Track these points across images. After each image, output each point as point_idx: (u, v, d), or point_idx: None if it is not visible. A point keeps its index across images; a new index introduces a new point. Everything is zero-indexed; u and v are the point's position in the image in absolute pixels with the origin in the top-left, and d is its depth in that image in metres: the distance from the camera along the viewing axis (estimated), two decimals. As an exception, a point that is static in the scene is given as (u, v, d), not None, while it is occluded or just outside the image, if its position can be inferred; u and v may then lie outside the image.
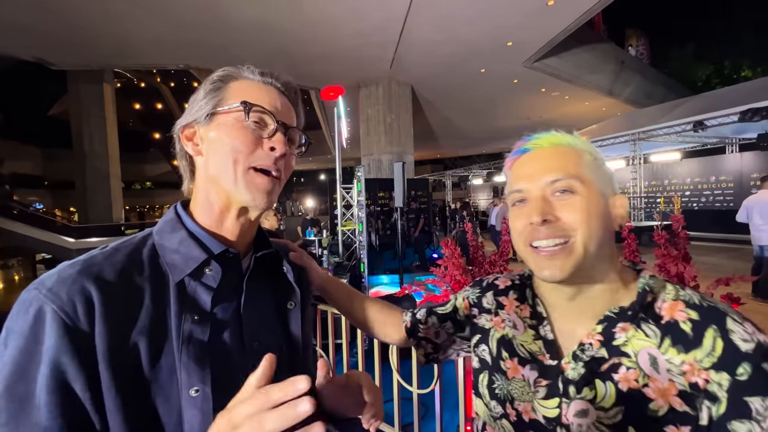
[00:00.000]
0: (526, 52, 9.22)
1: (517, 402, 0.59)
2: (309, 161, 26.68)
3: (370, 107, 10.76)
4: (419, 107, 12.81)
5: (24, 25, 7.43)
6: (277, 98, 0.56)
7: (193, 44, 8.30)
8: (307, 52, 8.69)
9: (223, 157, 0.52)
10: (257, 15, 7.06)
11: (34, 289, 0.43)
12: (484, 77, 10.79)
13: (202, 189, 0.55)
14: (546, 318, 0.60)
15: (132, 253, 0.50)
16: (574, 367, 0.53)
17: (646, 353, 0.49)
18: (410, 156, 10.93)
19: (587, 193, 0.53)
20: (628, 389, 0.49)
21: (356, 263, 4.66)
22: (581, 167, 0.54)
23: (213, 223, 0.55)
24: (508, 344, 0.63)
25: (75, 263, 0.46)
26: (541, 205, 0.54)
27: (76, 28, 7.59)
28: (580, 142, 0.56)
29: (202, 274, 0.51)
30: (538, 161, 0.56)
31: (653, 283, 0.53)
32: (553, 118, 16.05)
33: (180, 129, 0.55)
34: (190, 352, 0.47)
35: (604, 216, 0.53)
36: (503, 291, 0.68)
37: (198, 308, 0.49)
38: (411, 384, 1.80)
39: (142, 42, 8.24)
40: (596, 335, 0.52)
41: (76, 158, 14.13)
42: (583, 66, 11.29)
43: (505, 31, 8.09)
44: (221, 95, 0.54)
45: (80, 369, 0.41)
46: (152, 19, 7.24)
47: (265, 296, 0.60)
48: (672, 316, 0.49)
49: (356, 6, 6.85)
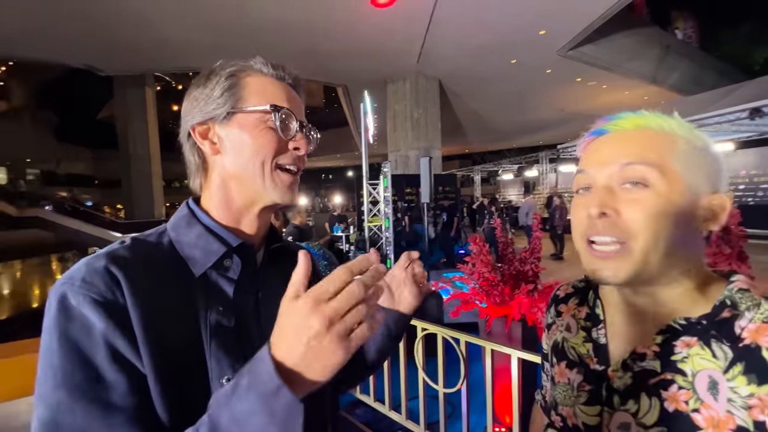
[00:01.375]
0: (560, 40, 8.81)
1: (561, 407, 0.56)
2: (337, 158, 26.98)
3: (397, 103, 10.69)
4: (447, 101, 12.59)
5: (73, 35, 7.98)
6: (291, 94, 0.57)
7: (225, 47, 8.58)
8: (333, 50, 8.76)
9: (249, 157, 0.52)
10: (288, 15, 7.19)
11: (65, 284, 0.44)
12: (515, 68, 10.42)
13: (220, 187, 0.55)
14: (602, 321, 0.54)
15: (151, 248, 0.51)
16: (621, 376, 0.48)
17: (706, 375, 0.42)
18: (437, 151, 10.78)
19: (665, 189, 0.44)
20: (674, 410, 0.43)
21: (383, 259, 4.67)
22: (668, 156, 0.45)
23: (230, 219, 0.56)
24: (559, 348, 0.60)
25: (99, 256, 0.47)
26: (602, 195, 0.46)
27: (119, 35, 8.07)
28: (676, 126, 0.47)
29: (222, 266, 0.52)
30: (615, 144, 0.48)
31: (740, 297, 0.44)
32: (590, 109, 15.28)
33: (192, 127, 0.54)
34: (219, 342, 0.48)
35: (684, 218, 0.45)
36: (563, 299, 0.64)
37: (222, 299, 0.50)
38: (437, 382, 1.77)
39: (178, 46, 8.63)
40: (653, 345, 0.47)
41: (122, 159, 15.12)
42: (622, 53, 10.63)
43: (537, 19, 7.75)
44: (240, 93, 0.53)
45: (129, 342, 0.42)
46: (188, 24, 7.56)
47: (279, 288, 0.60)
48: (755, 340, 0.41)
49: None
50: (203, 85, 0.54)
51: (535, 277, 2.22)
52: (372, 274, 0.37)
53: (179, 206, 0.59)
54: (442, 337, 1.69)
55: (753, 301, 0.44)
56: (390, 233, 4.41)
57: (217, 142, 0.54)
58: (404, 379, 1.93)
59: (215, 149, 0.54)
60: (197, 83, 0.55)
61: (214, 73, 0.55)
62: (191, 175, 0.58)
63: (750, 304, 0.43)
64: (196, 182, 0.57)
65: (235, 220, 0.56)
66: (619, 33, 10.03)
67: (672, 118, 0.48)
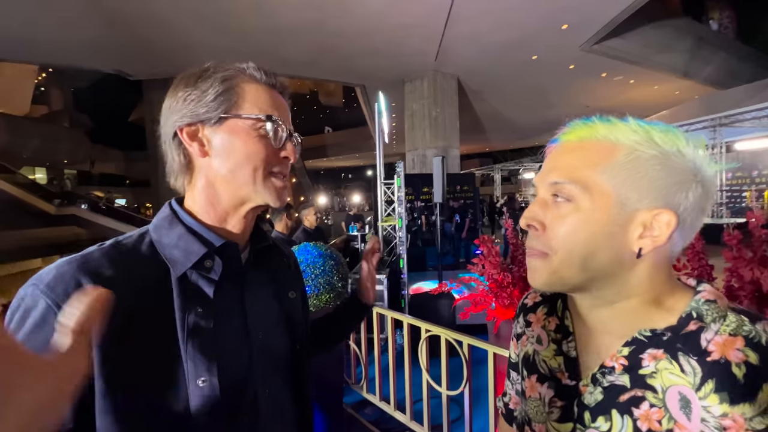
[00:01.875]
0: (584, 34, 8.51)
1: (534, 423, 0.54)
2: (356, 157, 27.13)
3: (414, 102, 10.64)
4: (466, 99, 12.42)
5: (105, 42, 8.39)
6: (281, 103, 0.58)
7: (246, 48, 8.81)
8: (351, 49, 8.80)
9: (240, 162, 0.53)
10: (306, 16, 7.29)
11: (32, 285, 0.45)
12: (536, 64, 10.15)
13: (205, 187, 0.55)
14: (572, 333, 0.53)
15: (131, 249, 0.52)
16: (592, 391, 0.47)
17: (677, 392, 0.41)
18: (456, 150, 10.65)
19: (588, 206, 0.43)
20: (648, 430, 0.42)
21: (396, 259, 4.67)
22: (600, 170, 0.43)
23: (215, 219, 0.56)
24: (531, 361, 0.58)
25: (72, 259, 0.48)
26: (534, 208, 0.48)
27: (147, 41, 8.41)
28: (624, 133, 0.44)
29: (203, 267, 0.52)
30: (555, 157, 0.48)
31: (707, 309, 0.42)
32: (616, 105, 14.70)
33: (179, 127, 0.54)
34: (195, 344, 0.48)
35: (606, 235, 0.43)
36: (532, 308, 0.63)
37: (201, 300, 0.51)
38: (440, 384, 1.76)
39: (201, 50, 8.91)
40: (620, 358, 0.45)
41: (151, 160, 15.77)
42: (651, 46, 10.15)
43: (559, 13, 7.51)
44: (233, 99, 0.54)
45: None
46: (210, 29, 7.80)
47: (266, 287, 0.62)
48: (724, 354, 0.39)
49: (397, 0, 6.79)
50: (193, 86, 0.54)
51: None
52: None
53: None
54: (446, 339, 1.68)
55: (719, 312, 0.42)
56: (403, 233, 4.40)
57: (206, 145, 0.54)
58: (408, 380, 1.92)
59: (204, 151, 0.54)
60: (185, 83, 0.55)
61: (206, 75, 0.54)
62: (173, 174, 0.58)
63: (716, 316, 0.42)
64: (178, 182, 0.57)
65: (220, 219, 0.56)
66: (648, 25, 9.59)
67: (624, 124, 0.45)
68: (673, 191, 0.42)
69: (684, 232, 0.44)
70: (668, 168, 0.42)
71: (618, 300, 0.46)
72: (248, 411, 0.54)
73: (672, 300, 0.45)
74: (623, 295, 0.46)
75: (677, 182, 0.42)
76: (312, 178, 19.45)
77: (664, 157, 0.42)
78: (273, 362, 0.59)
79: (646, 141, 0.43)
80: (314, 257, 2.08)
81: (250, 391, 0.54)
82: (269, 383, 0.57)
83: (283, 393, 0.60)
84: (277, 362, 0.60)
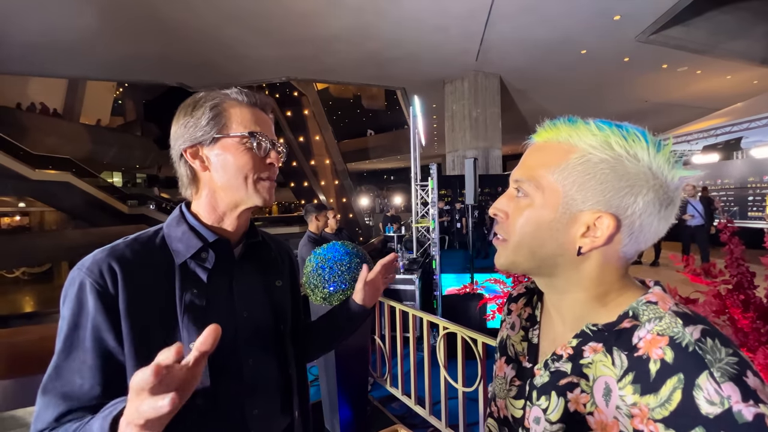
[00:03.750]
0: (640, 25, 7.89)
1: (498, 399, 0.62)
2: (398, 159, 27.26)
3: (455, 103, 10.53)
4: (509, 98, 12.04)
5: (167, 57, 9.31)
6: (262, 118, 0.70)
7: (292, 59, 9.30)
8: (391, 54, 8.94)
9: (233, 173, 0.67)
10: (347, 24, 7.55)
11: (77, 269, 0.61)
12: (585, 59, 9.60)
13: (208, 195, 0.69)
14: (538, 323, 0.60)
15: (147, 242, 0.67)
16: (542, 374, 0.53)
17: (603, 381, 0.46)
18: (497, 150, 10.37)
19: (539, 202, 0.49)
20: (574, 410, 0.47)
21: (429, 260, 4.70)
22: (553, 169, 0.48)
23: (215, 220, 0.70)
24: (503, 344, 0.65)
25: (104, 249, 0.63)
26: (500, 200, 0.54)
27: (202, 56, 9.20)
28: (581, 136, 0.47)
29: (200, 257, 0.66)
30: (525, 156, 0.54)
31: (644, 309, 0.46)
32: (681, 98, 13.40)
33: (183, 149, 0.68)
34: (190, 316, 0.62)
35: (550, 230, 0.48)
36: (515, 298, 0.70)
37: (196, 283, 0.65)
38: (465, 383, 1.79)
39: (251, 61, 9.56)
40: (568, 348, 0.50)
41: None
42: (721, 32, 9.15)
43: (610, 3, 7.06)
44: (222, 121, 0.67)
45: (110, 324, 0.58)
46: (261, 42, 8.35)
47: (254, 275, 0.75)
48: (648, 350, 0.43)
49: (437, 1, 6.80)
50: (190, 115, 0.67)
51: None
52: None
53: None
54: (461, 337, 1.71)
55: (656, 313, 0.45)
56: (436, 235, 4.42)
57: (206, 161, 0.68)
58: (428, 377, 1.98)
59: (204, 167, 0.68)
60: (184, 112, 0.68)
61: (199, 104, 0.68)
62: (183, 186, 0.72)
63: (652, 317, 0.45)
64: (188, 192, 0.72)
65: (218, 220, 0.70)
66: (717, 9, 8.66)
67: (585, 127, 0.48)
68: (620, 195, 0.44)
69: (637, 236, 0.46)
70: (618, 172, 0.45)
71: (567, 290, 0.51)
72: (233, 374, 0.66)
73: (619, 299, 0.49)
74: (572, 286, 0.50)
75: (626, 186, 0.44)
76: (355, 180, 19.87)
77: (616, 161, 0.45)
78: (257, 337, 0.71)
79: (600, 145, 0.46)
80: (341, 255, 2.21)
81: (235, 358, 0.67)
82: (252, 354, 0.70)
83: (266, 364, 0.73)
84: (260, 337, 0.72)
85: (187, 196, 0.72)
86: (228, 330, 0.67)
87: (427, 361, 1.97)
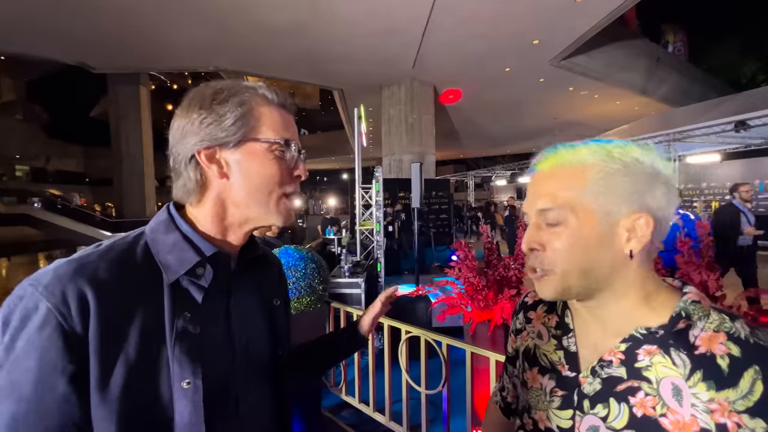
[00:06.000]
0: (553, 50, 8.97)
1: (534, 411, 0.60)
2: (332, 161, 26.99)
3: (392, 107, 10.77)
4: (442, 107, 12.70)
5: (66, 31, 7.94)
6: (292, 122, 0.60)
7: (223, 48, 8.61)
8: (330, 53, 8.81)
9: (258, 185, 0.56)
10: (282, 17, 7.24)
11: (30, 285, 0.45)
12: (508, 76, 10.57)
13: (217, 206, 0.56)
14: (572, 330, 0.59)
15: (126, 252, 0.52)
16: (591, 381, 0.52)
17: (669, 383, 0.46)
18: (431, 156, 10.86)
19: (576, 224, 0.49)
20: (642, 415, 0.47)
21: (373, 263, 4.70)
22: (578, 192, 0.49)
23: (217, 231, 0.57)
24: (531, 355, 0.63)
25: (71, 261, 0.48)
26: (530, 233, 0.54)
27: (114, 33, 8.05)
28: (586, 154, 0.50)
29: (194, 274, 0.53)
30: (536, 185, 0.54)
31: (693, 309, 0.48)
32: (582, 118, 15.50)
33: (198, 150, 0.54)
34: (183, 347, 0.50)
35: (598, 245, 0.49)
36: (532, 306, 0.68)
37: (190, 306, 0.52)
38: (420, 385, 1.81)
39: (175, 46, 8.63)
40: (618, 353, 0.51)
41: (114, 157, 14.99)
42: (614, 64, 10.84)
43: (530, 29, 7.89)
44: (251, 123, 0.55)
45: (68, 364, 0.44)
46: (186, 26, 7.57)
47: (252, 294, 0.64)
48: (710, 348, 0.45)
49: (379, 5, 6.89)
50: (208, 109, 0.54)
51: (518, 283, 2.27)
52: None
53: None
54: (425, 340, 1.73)
55: (703, 311, 0.48)
56: (381, 237, 4.44)
57: (224, 167, 0.55)
58: (388, 382, 1.96)
59: (222, 173, 0.55)
60: (200, 105, 0.55)
61: (221, 97, 0.55)
62: (185, 190, 0.57)
63: (701, 315, 0.48)
64: (190, 198, 0.57)
65: (222, 232, 0.58)
66: (611, 45, 10.23)
67: (584, 147, 0.51)
68: (643, 195, 0.48)
69: (663, 229, 0.50)
70: (632, 176, 0.48)
71: (612, 300, 0.52)
72: (229, 414, 0.55)
73: (660, 299, 0.51)
74: (617, 295, 0.52)
75: (643, 186, 0.48)
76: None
77: (626, 168, 0.48)
78: (255, 368, 0.61)
79: (607, 158, 0.49)
80: (295, 260, 2.08)
81: (231, 395, 0.56)
82: (251, 388, 0.59)
83: (264, 398, 0.62)
84: (259, 368, 0.62)
85: (181, 197, 0.58)
86: (224, 362, 0.56)
87: (387, 367, 1.95)
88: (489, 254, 2.45)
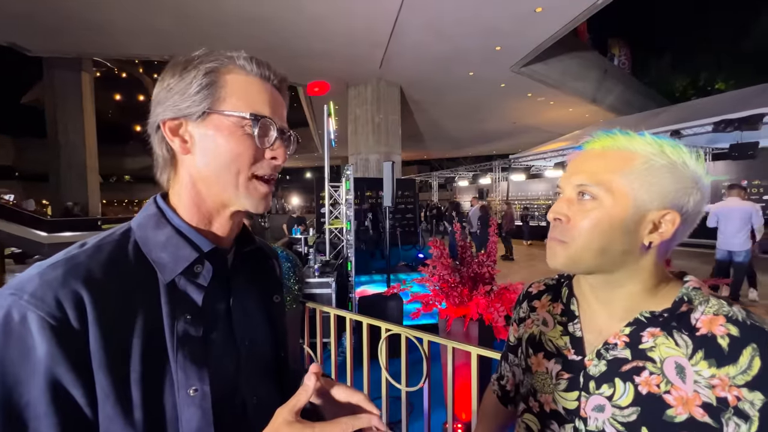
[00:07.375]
0: (514, 57, 9.37)
1: (540, 394, 0.62)
2: (296, 159, 26.40)
3: (358, 107, 10.74)
4: (408, 108, 12.86)
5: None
6: (274, 98, 0.54)
7: (178, 36, 8.09)
8: (294, 49, 8.59)
9: (222, 163, 0.50)
10: (246, 8, 6.94)
11: (11, 295, 0.39)
12: (472, 80, 10.91)
13: (189, 186, 0.52)
14: (577, 316, 0.61)
15: (116, 251, 0.47)
16: (596, 364, 0.55)
17: (673, 362, 0.50)
18: (398, 156, 10.95)
19: (609, 203, 0.51)
20: (647, 392, 0.50)
21: (343, 262, 4.65)
22: (620, 174, 0.51)
23: (201, 221, 0.53)
24: (536, 341, 0.66)
25: (56, 264, 0.42)
26: (560, 204, 0.55)
27: (54, 13, 7.28)
28: (641, 145, 0.52)
29: (192, 272, 0.49)
30: (581, 161, 0.56)
31: (694, 294, 0.52)
32: (539, 123, 16.37)
33: (162, 120, 0.50)
34: (186, 352, 0.46)
35: (622, 229, 0.51)
36: (536, 295, 0.71)
37: (190, 307, 0.48)
38: (399, 382, 1.81)
39: (124, 31, 7.98)
40: (623, 336, 0.54)
41: (50, 149, 13.54)
42: (568, 73, 11.55)
43: (493, 35, 8.19)
44: (218, 93, 0.49)
45: (77, 376, 0.39)
46: (138, 9, 7.02)
47: (251, 291, 0.60)
48: (710, 329, 0.49)
49: (346, 4, 6.82)
50: (179, 76, 0.50)
51: (491, 279, 2.34)
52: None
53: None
54: (406, 337, 1.73)
55: (704, 297, 0.52)
56: (351, 236, 4.41)
57: (189, 141, 0.50)
58: (367, 380, 1.94)
59: (185, 148, 0.50)
60: (173, 71, 0.50)
61: (192, 64, 0.50)
62: (158, 168, 0.53)
63: (702, 300, 0.52)
64: (163, 177, 0.53)
65: (206, 221, 0.53)
66: (566, 55, 10.89)
67: (640, 137, 0.53)
68: (678, 195, 0.51)
69: (683, 229, 0.53)
70: (676, 176, 0.51)
71: (623, 284, 0.55)
72: (237, 419, 0.52)
73: (667, 287, 0.55)
74: (629, 280, 0.55)
75: (682, 188, 0.51)
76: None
77: (673, 166, 0.51)
78: (260, 370, 0.58)
79: (659, 152, 0.51)
80: (269, 259, 2.01)
81: (238, 398, 0.53)
82: (257, 391, 0.56)
83: (270, 400, 0.58)
84: (263, 369, 0.59)
85: (161, 181, 0.54)
86: (229, 365, 0.52)
87: (366, 366, 1.93)
88: (462, 252, 2.50)
